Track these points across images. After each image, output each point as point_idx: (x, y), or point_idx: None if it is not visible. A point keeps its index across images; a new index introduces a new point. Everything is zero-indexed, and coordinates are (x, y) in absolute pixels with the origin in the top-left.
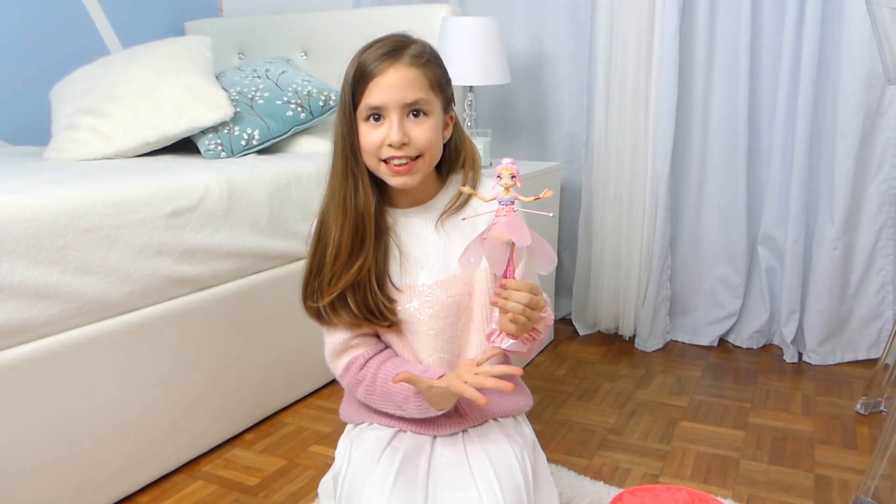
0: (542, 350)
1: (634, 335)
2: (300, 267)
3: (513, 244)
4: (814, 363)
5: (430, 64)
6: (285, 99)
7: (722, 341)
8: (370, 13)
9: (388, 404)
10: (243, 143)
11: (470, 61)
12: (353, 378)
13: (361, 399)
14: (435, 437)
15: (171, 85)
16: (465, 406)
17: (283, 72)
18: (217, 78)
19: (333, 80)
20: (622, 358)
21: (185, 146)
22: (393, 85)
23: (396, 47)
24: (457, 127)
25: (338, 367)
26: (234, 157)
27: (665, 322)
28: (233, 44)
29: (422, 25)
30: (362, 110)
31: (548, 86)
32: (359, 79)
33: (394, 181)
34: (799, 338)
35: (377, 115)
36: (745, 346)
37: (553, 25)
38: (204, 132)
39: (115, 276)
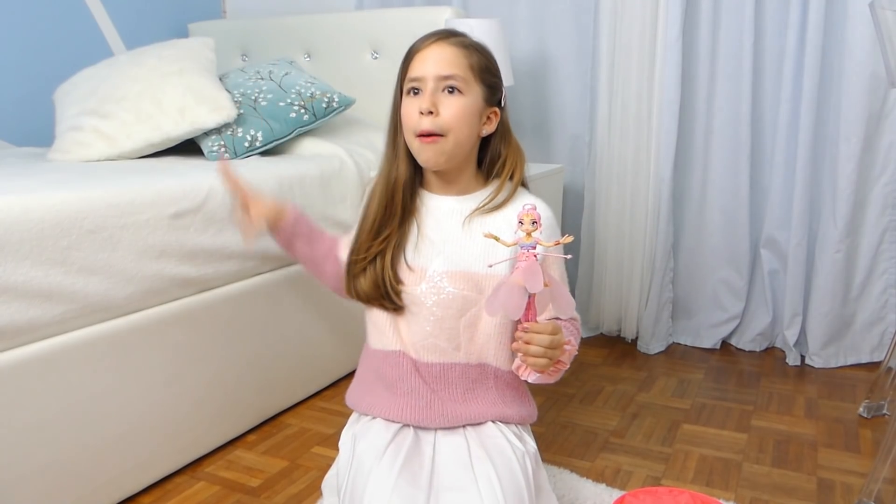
0: None
1: (637, 338)
2: (304, 269)
3: None
4: (816, 366)
5: (474, 50)
6: (288, 101)
7: (724, 344)
8: (373, 15)
9: None
10: (246, 144)
11: None
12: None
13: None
14: (436, 430)
15: (174, 86)
16: (463, 401)
17: (286, 73)
18: (220, 79)
19: (337, 81)
20: (624, 360)
21: (188, 148)
22: (432, 58)
23: (446, 32)
24: (503, 127)
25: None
26: (237, 159)
27: (667, 324)
28: (236, 45)
29: (425, 27)
30: (406, 84)
31: (551, 88)
32: (407, 57)
33: (422, 155)
34: (802, 341)
35: (416, 88)
36: (747, 349)
37: (556, 27)
38: (207, 134)
39: (119, 277)
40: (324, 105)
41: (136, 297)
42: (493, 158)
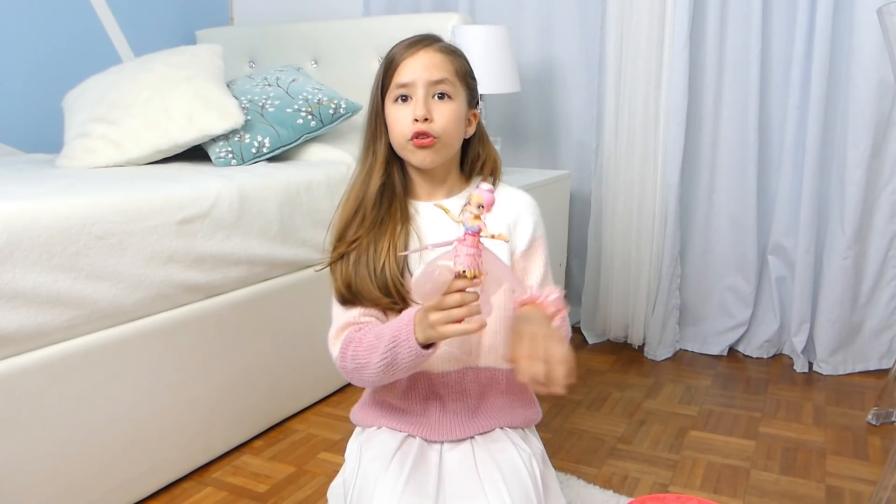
0: None
1: (644, 344)
2: (310, 274)
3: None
4: (824, 373)
5: (457, 55)
6: (296, 107)
7: (732, 351)
8: (380, 22)
9: (374, 357)
10: (254, 150)
11: (480, 70)
12: (347, 337)
13: (349, 365)
14: (443, 442)
15: (182, 93)
16: (474, 412)
17: (293, 80)
18: (228, 86)
19: (344, 88)
20: (631, 367)
21: (196, 154)
22: (421, 64)
23: (427, 37)
24: (480, 128)
25: (340, 341)
26: (244, 165)
27: (674, 331)
28: (243, 52)
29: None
30: (391, 91)
31: (558, 94)
32: (389, 63)
33: (416, 157)
34: (809, 347)
35: (405, 95)
36: (755, 356)
37: (563, 34)
38: (215, 140)
39: (127, 283)
40: (331, 111)
41: (144, 302)
42: (472, 159)
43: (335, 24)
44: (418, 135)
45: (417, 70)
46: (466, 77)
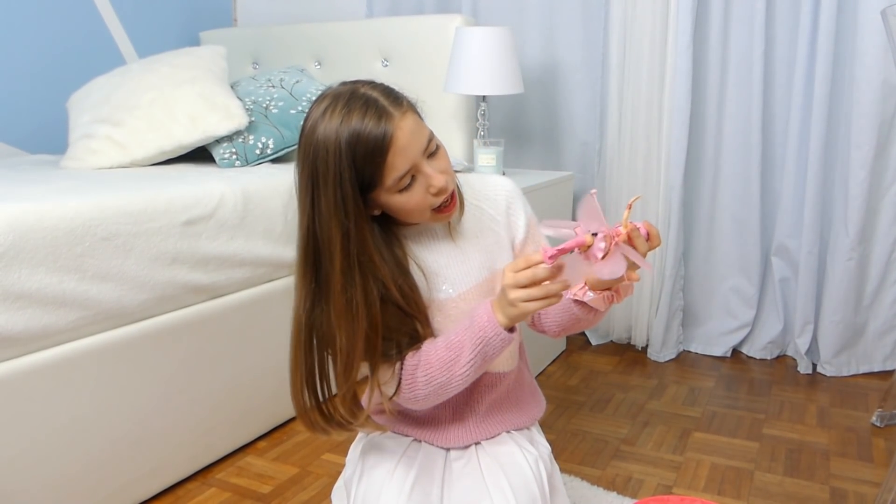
0: (554, 360)
1: (647, 345)
2: None
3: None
4: (828, 374)
5: (401, 95)
6: (300, 108)
7: (735, 352)
8: (384, 23)
9: (457, 369)
10: (258, 152)
11: (483, 71)
12: (408, 366)
13: (422, 391)
14: (448, 449)
15: (186, 94)
16: (483, 418)
17: (297, 81)
18: (232, 87)
19: None
20: (635, 368)
21: (200, 155)
22: (408, 142)
23: (374, 106)
24: None
25: (394, 378)
26: (248, 166)
27: (678, 332)
28: (247, 53)
29: (435, 35)
30: (390, 185)
31: (561, 96)
32: (367, 159)
33: (444, 219)
34: (813, 349)
35: (411, 177)
36: (758, 357)
37: (566, 35)
38: (219, 141)
39: (131, 284)
40: None
41: (149, 303)
42: None
43: (339, 26)
44: (446, 203)
45: (410, 149)
46: (416, 106)
